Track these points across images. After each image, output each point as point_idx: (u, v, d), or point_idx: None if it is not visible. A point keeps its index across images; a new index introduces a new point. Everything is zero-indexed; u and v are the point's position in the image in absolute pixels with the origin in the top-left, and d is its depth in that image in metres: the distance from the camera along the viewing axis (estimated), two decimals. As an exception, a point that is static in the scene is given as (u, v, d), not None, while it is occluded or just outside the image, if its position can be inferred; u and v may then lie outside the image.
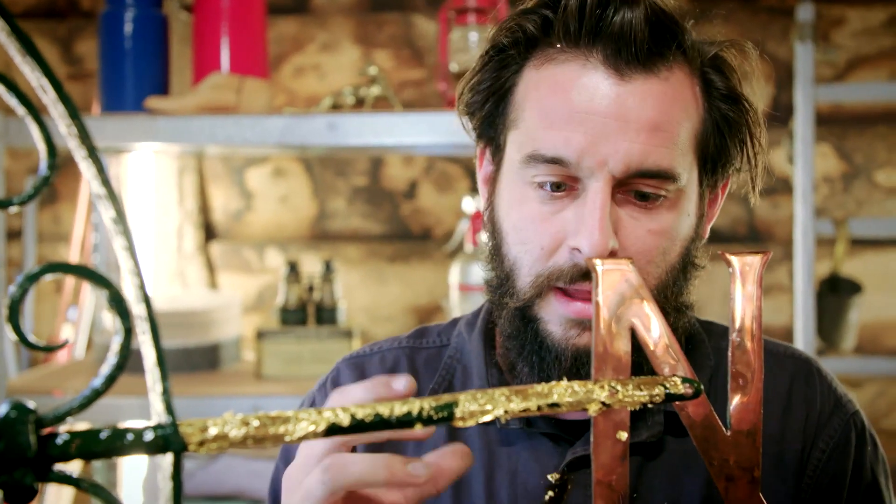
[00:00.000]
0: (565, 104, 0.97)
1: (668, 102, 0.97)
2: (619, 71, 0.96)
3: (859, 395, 3.06)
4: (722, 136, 1.03)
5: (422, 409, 0.52)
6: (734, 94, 1.03)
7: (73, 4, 3.30)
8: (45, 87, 0.45)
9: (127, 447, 0.47)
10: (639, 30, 0.95)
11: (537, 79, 1.01)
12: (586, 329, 0.99)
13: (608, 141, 0.95)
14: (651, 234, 0.98)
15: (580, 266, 0.96)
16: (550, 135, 0.97)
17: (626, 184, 0.97)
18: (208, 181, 3.27)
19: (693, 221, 1.03)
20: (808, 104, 2.70)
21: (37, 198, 0.46)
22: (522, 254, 1.00)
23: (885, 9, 3.03)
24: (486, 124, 1.07)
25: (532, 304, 1.00)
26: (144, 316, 0.47)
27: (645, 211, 0.98)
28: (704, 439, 0.59)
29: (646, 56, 0.96)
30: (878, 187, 3.05)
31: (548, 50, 1.00)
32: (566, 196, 0.98)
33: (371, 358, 1.18)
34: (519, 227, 1.00)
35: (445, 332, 1.20)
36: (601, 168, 0.95)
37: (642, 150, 0.95)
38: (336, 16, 3.21)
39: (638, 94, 0.96)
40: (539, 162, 0.97)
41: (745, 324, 0.61)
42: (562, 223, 0.97)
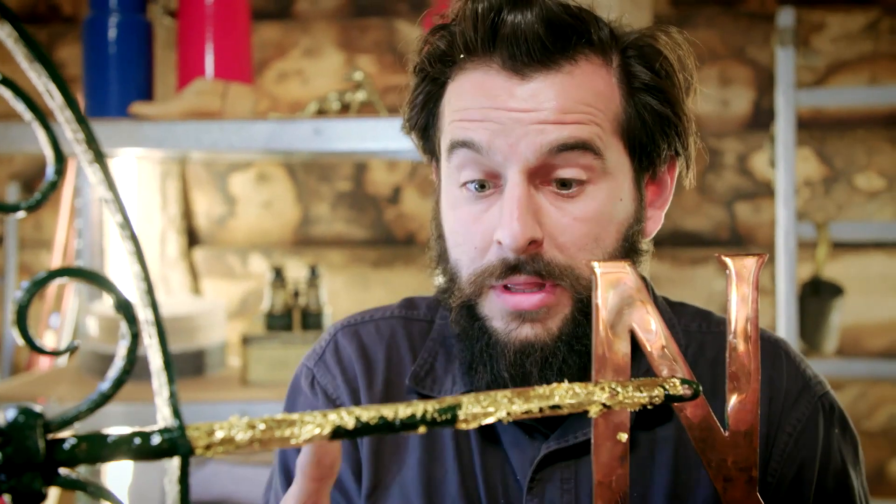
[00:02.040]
0: (472, 104, 1.00)
1: (575, 90, 0.99)
2: (518, 72, 0.98)
3: (841, 396, 3.07)
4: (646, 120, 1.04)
5: (426, 411, 0.52)
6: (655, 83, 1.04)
7: (54, 9, 3.29)
8: (52, 92, 0.45)
9: (134, 451, 0.47)
10: (530, 31, 0.97)
11: (453, 88, 1.04)
12: (525, 321, 1.00)
13: (517, 126, 0.97)
14: (577, 222, 0.99)
15: (507, 260, 0.98)
16: (462, 125, 1.00)
17: (544, 172, 0.98)
18: (191, 186, 3.26)
19: (629, 206, 1.03)
20: (790, 108, 2.72)
21: (45, 202, 0.46)
22: (460, 255, 1.03)
23: (864, 14, 3.05)
24: (425, 139, 1.11)
25: (475, 303, 1.02)
26: (151, 321, 0.47)
27: (568, 199, 0.99)
28: (702, 440, 0.60)
29: (542, 54, 0.98)
30: (858, 191, 3.07)
31: (459, 61, 1.04)
32: (492, 195, 1.00)
33: (366, 325, 1.20)
34: (454, 229, 1.03)
35: (432, 307, 1.21)
36: (514, 153, 0.97)
37: (555, 128, 0.97)
38: (319, 21, 3.22)
39: (541, 89, 0.98)
40: (456, 149, 1.00)
41: (740, 326, 0.62)
42: (489, 221, 1.00)
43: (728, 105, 3.10)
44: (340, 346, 1.18)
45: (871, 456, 3.07)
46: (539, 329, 1.00)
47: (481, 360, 1.03)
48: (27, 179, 3.29)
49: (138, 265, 0.47)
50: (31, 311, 0.46)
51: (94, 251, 2.69)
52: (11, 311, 0.45)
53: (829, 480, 1.09)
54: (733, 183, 3.09)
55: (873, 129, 3.07)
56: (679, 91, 1.06)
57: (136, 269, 0.47)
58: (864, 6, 3.06)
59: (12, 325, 0.45)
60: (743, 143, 3.09)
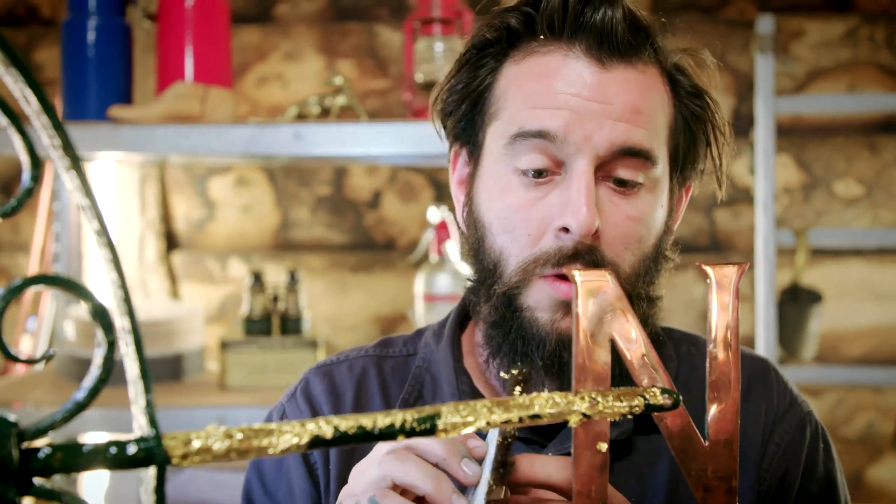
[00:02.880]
0: (549, 88, 1.01)
1: (647, 91, 1.02)
2: (601, 61, 1.01)
3: (819, 403, 3.09)
4: (691, 132, 1.08)
5: (405, 420, 0.52)
6: (699, 90, 1.09)
7: (32, 12, 3.27)
8: (28, 98, 0.45)
9: (110, 460, 0.46)
10: (619, 25, 1.00)
11: (519, 71, 1.05)
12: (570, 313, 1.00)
13: (592, 119, 0.99)
14: (629, 220, 1.01)
15: (566, 249, 0.99)
16: (535, 113, 1.01)
17: (606, 168, 1.00)
18: (170, 190, 3.25)
19: (665, 214, 1.07)
20: (769, 115, 2.73)
21: (20, 209, 0.45)
22: (509, 242, 1.02)
23: (843, 22, 3.07)
24: (462, 125, 1.10)
25: (519, 293, 1.02)
26: (128, 328, 0.46)
27: (624, 196, 1.01)
28: (682, 450, 0.60)
29: (625, 49, 1.01)
30: (836, 198, 3.09)
31: (530, 44, 1.05)
32: (549, 182, 1.01)
33: (339, 366, 1.19)
34: (503, 216, 1.03)
35: (411, 341, 1.21)
36: (586, 144, 0.98)
37: (626, 128, 0.99)
38: (299, 25, 3.21)
39: (619, 81, 1.00)
40: (524, 139, 1.00)
41: (721, 334, 0.62)
42: (547, 208, 1.00)
43: (708, 112, 3.11)
44: (311, 385, 1.18)
45: (849, 463, 3.09)
46: None
47: (514, 349, 1.03)
48: (5, 183, 3.27)
49: (115, 272, 0.46)
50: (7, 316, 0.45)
51: (72, 255, 2.67)
52: (-14, 318, 0.45)
53: (813, 486, 1.13)
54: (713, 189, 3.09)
55: (852, 137, 3.08)
56: (717, 104, 1.11)
57: (114, 277, 0.46)
58: (842, 14, 3.08)
59: (-13, 332, 0.45)
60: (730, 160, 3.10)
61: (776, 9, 3.04)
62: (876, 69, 3.08)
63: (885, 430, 3.06)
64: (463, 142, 1.11)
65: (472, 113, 1.08)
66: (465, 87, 1.08)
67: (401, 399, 1.13)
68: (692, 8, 3.11)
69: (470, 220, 1.09)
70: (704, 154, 1.12)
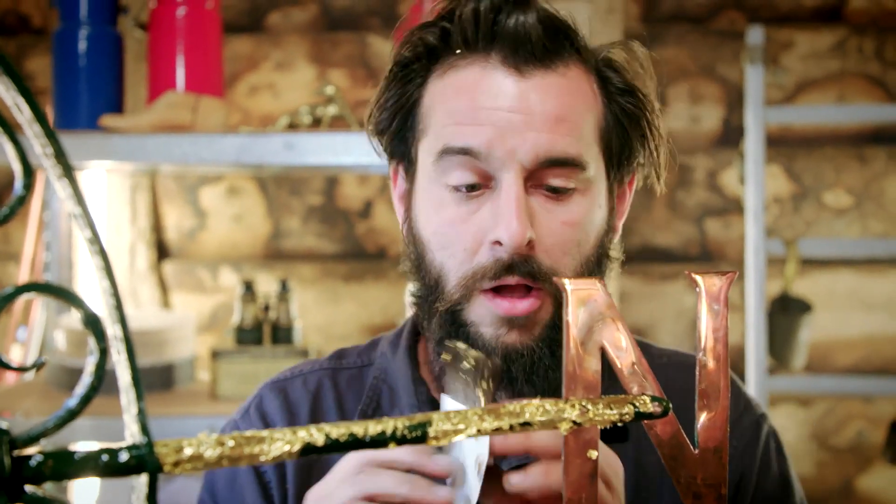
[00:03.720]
0: (470, 104, 1.01)
1: (569, 95, 1.02)
2: (518, 69, 1.00)
3: (809, 412, 3.10)
4: (623, 129, 1.08)
5: (395, 428, 0.52)
6: (630, 87, 1.08)
7: (23, 21, 3.27)
8: (21, 106, 0.45)
9: (102, 468, 0.46)
10: (533, 30, 1.00)
11: (442, 86, 1.04)
12: (514, 327, 1.01)
13: (515, 132, 0.98)
14: (564, 226, 1.01)
15: (502, 261, 0.98)
16: (458, 129, 1.00)
17: (536, 177, 1.00)
18: (161, 199, 3.25)
19: (605, 213, 1.07)
20: (759, 126, 2.74)
21: (12, 217, 0.45)
22: (447, 258, 1.02)
23: (831, 33, 3.09)
24: (396, 141, 1.10)
25: (461, 308, 1.02)
26: (120, 337, 0.46)
27: (557, 202, 1.01)
28: (672, 458, 0.60)
29: (542, 54, 1.01)
30: (826, 208, 3.10)
31: (449, 58, 1.04)
32: (481, 195, 1.01)
33: (293, 381, 1.18)
34: (440, 231, 1.03)
35: (365, 352, 1.20)
36: (511, 158, 0.98)
37: (549, 139, 0.99)
38: (291, 35, 3.21)
39: (539, 88, 1.00)
40: (450, 156, 1.00)
41: (710, 343, 0.62)
42: (480, 222, 1.00)
43: (698, 122, 3.12)
44: (265, 402, 1.17)
45: (839, 472, 3.09)
46: (526, 335, 1.01)
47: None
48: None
49: (107, 280, 0.46)
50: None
51: (62, 264, 2.67)
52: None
53: (769, 486, 1.15)
54: (703, 199, 3.10)
55: (841, 147, 3.10)
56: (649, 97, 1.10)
57: (105, 285, 0.46)
58: (831, 25, 3.09)
59: (-22, 340, 0.45)
60: (713, 159, 3.11)
61: (766, 20, 3.05)
62: (864, 80, 3.09)
63: (874, 440, 3.07)
64: (399, 158, 1.11)
65: (403, 129, 1.08)
66: (395, 103, 1.08)
67: (359, 411, 1.12)
68: (682, 19, 3.13)
69: (410, 237, 1.08)
70: (641, 149, 1.11)
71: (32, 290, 0.46)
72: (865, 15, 3.09)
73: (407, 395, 1.11)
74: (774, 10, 3.11)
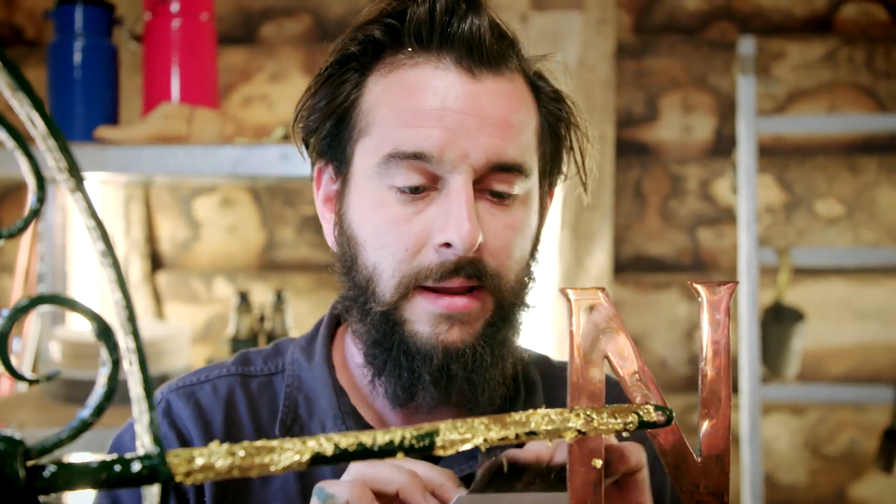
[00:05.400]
0: (421, 103, 1.00)
1: (516, 101, 1.03)
2: (471, 71, 1.01)
3: (802, 421, 3.11)
4: (555, 136, 1.09)
5: (403, 438, 0.52)
6: (559, 94, 1.10)
7: (17, 33, 3.27)
8: (35, 120, 0.46)
9: (114, 478, 0.47)
10: (486, 34, 1.01)
11: (387, 84, 1.03)
12: (455, 324, 1.00)
13: (468, 135, 0.98)
14: (508, 229, 1.02)
15: (448, 262, 0.98)
16: (409, 132, 0.99)
17: (482, 182, 1.00)
18: (155, 211, 3.25)
19: (536, 220, 1.08)
20: (751, 136, 2.75)
21: (26, 230, 0.46)
22: (384, 258, 1.01)
23: (822, 43, 3.10)
24: (327, 142, 1.08)
25: (397, 307, 1.01)
26: (133, 348, 0.47)
27: (501, 207, 1.02)
28: (675, 466, 0.61)
29: (494, 58, 1.01)
30: (818, 217, 3.11)
31: (396, 57, 1.04)
32: (425, 197, 1.00)
33: (202, 387, 1.13)
34: (379, 231, 1.01)
35: (271, 358, 1.17)
36: (462, 161, 0.98)
37: (499, 144, 0.99)
38: (284, 46, 3.22)
39: (490, 92, 1.01)
40: (400, 159, 0.99)
41: (712, 352, 0.63)
42: (425, 223, 0.99)
43: (690, 132, 3.14)
44: (174, 410, 1.11)
45: (832, 481, 3.10)
46: (466, 332, 1.01)
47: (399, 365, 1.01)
48: (-12, 203, 3.26)
49: (120, 292, 0.47)
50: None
51: (56, 275, 2.66)
52: (-8, 338, 0.45)
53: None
54: (696, 209, 3.12)
55: (832, 157, 3.11)
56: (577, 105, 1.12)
57: (118, 297, 0.47)
58: (822, 36, 3.11)
59: (-7, 352, 0.45)
60: (705, 169, 3.13)
61: (757, 30, 3.07)
62: (855, 90, 3.11)
63: (867, 448, 3.08)
64: (328, 159, 1.09)
65: (337, 129, 1.07)
66: (329, 103, 1.06)
67: (279, 421, 1.09)
68: (674, 30, 3.14)
69: (342, 238, 1.07)
70: (567, 158, 1.12)
71: (47, 302, 0.46)
72: (855, 25, 3.11)
73: (330, 407, 1.08)
74: (766, 20, 3.12)
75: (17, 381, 0.53)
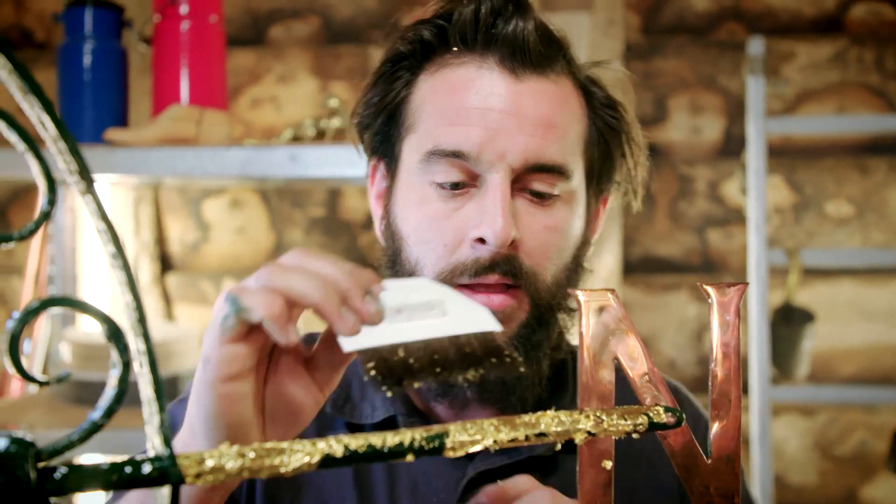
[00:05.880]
0: (463, 102, 1.01)
1: (560, 103, 1.03)
2: (514, 72, 1.02)
3: (812, 422, 3.10)
4: (606, 143, 1.09)
5: (413, 439, 0.53)
6: (613, 101, 1.10)
7: (26, 36, 3.28)
8: (46, 123, 0.46)
9: (125, 480, 0.47)
10: (531, 36, 1.01)
11: (433, 84, 1.05)
12: None
13: (506, 134, 0.99)
14: (547, 230, 1.02)
15: (482, 259, 0.99)
16: (450, 131, 1.01)
17: (521, 181, 1.01)
18: (164, 212, 3.25)
19: (582, 224, 1.08)
20: (760, 136, 2.75)
21: (37, 232, 0.46)
22: (425, 253, 1.03)
23: (831, 44, 3.10)
24: (379, 138, 1.11)
25: None
26: (143, 350, 0.47)
27: (540, 207, 1.02)
28: (685, 468, 0.60)
29: (538, 60, 1.02)
30: (827, 218, 3.11)
31: (443, 56, 1.05)
32: (465, 193, 1.02)
33: None
34: (420, 227, 1.03)
35: None
36: (500, 160, 0.99)
37: (539, 144, 1.00)
38: (293, 48, 3.22)
39: (532, 92, 1.01)
40: (439, 157, 1.01)
41: (722, 354, 0.63)
42: (463, 219, 1.01)
43: (699, 133, 3.13)
44: None
45: (842, 482, 3.09)
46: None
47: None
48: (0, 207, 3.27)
49: (130, 295, 0.47)
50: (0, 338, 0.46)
51: (66, 277, 2.67)
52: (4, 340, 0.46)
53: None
54: (705, 210, 3.11)
55: (842, 157, 3.11)
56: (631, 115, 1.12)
57: (129, 299, 0.47)
58: (831, 36, 3.10)
59: (5, 354, 0.45)
60: (714, 170, 3.12)
61: (766, 31, 3.06)
62: (865, 91, 3.10)
63: (877, 449, 3.07)
64: (380, 156, 1.12)
65: (387, 126, 1.09)
66: (381, 100, 1.09)
67: (331, 400, 1.09)
68: (683, 30, 3.14)
69: (388, 233, 1.09)
70: (620, 165, 1.13)
71: (58, 304, 0.47)
72: (865, 26, 3.10)
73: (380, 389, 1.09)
74: (775, 20, 3.12)
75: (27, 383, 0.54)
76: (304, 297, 0.71)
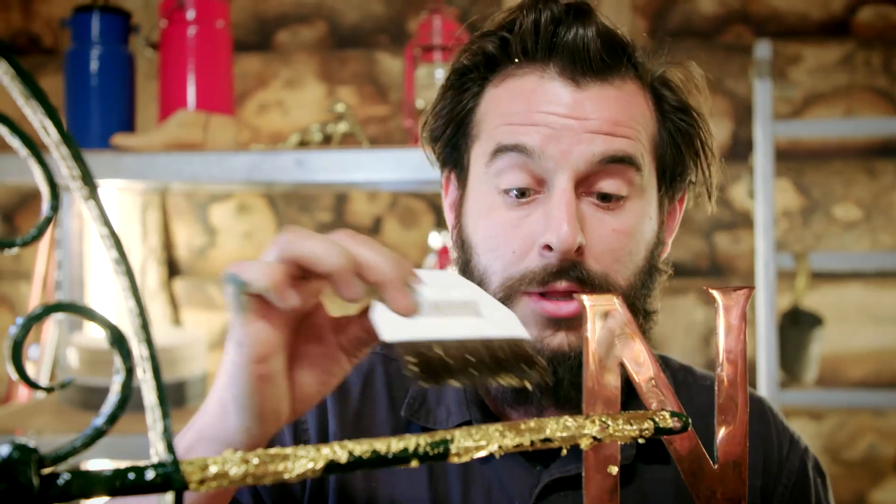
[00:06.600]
0: (525, 108, 1.01)
1: (625, 105, 1.02)
2: (576, 80, 1.01)
3: (820, 426, 3.09)
4: (677, 146, 1.09)
5: (418, 445, 0.52)
6: (684, 105, 1.09)
7: (34, 41, 3.29)
8: (48, 128, 0.46)
9: (128, 486, 0.47)
10: (592, 43, 1.01)
11: (497, 93, 1.06)
12: (560, 329, 1.01)
13: (570, 134, 0.99)
14: (616, 233, 1.01)
15: (551, 266, 0.99)
16: (511, 129, 1.01)
17: (588, 183, 1.00)
18: (172, 217, 3.25)
19: (655, 226, 1.07)
20: (767, 140, 2.74)
21: (40, 238, 0.46)
22: (493, 261, 1.03)
23: (839, 47, 3.09)
24: (449, 149, 1.11)
25: None
26: (146, 356, 0.47)
27: (608, 210, 1.01)
28: (692, 473, 0.60)
29: (600, 67, 1.02)
30: (835, 221, 3.10)
31: (507, 67, 1.06)
32: (533, 201, 1.01)
33: None
34: (488, 235, 1.03)
35: None
36: (565, 159, 0.99)
37: (605, 139, 0.99)
38: (300, 53, 3.23)
39: (594, 98, 1.01)
40: (503, 153, 1.01)
41: (729, 358, 0.63)
42: (530, 226, 1.00)
43: (706, 136, 3.12)
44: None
45: (851, 486, 3.08)
46: (573, 337, 1.01)
47: None
48: (6, 211, 3.28)
49: (133, 300, 0.47)
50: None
51: (74, 282, 2.67)
52: (6, 345, 0.45)
53: None
54: (712, 213, 3.10)
55: (849, 161, 3.10)
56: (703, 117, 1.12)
57: (132, 305, 0.47)
58: (838, 39, 3.10)
59: (7, 360, 0.45)
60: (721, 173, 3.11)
61: (774, 34, 3.06)
62: (872, 93, 3.10)
63: (886, 453, 3.06)
64: (451, 166, 1.13)
65: (456, 137, 1.10)
66: (450, 111, 1.09)
67: (406, 404, 1.11)
68: (690, 34, 3.13)
69: (459, 242, 1.09)
70: (694, 167, 1.12)
71: (60, 310, 0.46)
72: (872, 28, 3.09)
73: (456, 393, 1.11)
74: (782, 24, 3.11)
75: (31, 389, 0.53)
76: (319, 263, 0.70)
